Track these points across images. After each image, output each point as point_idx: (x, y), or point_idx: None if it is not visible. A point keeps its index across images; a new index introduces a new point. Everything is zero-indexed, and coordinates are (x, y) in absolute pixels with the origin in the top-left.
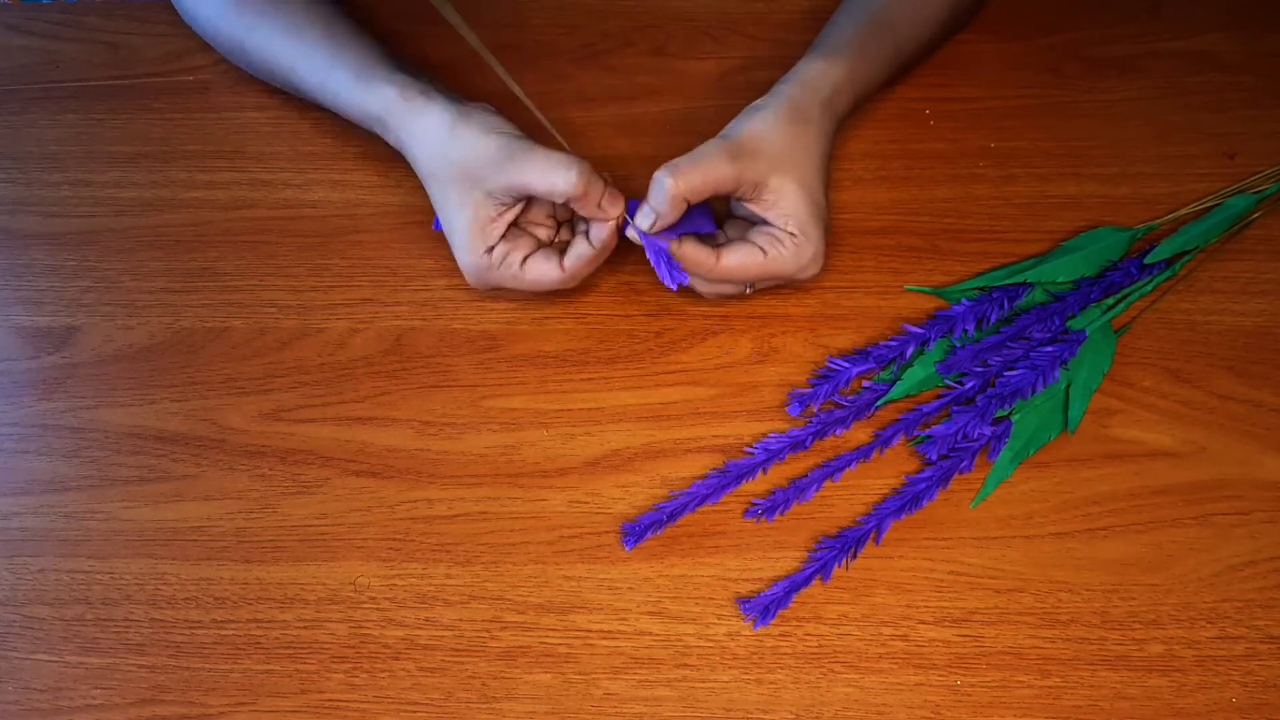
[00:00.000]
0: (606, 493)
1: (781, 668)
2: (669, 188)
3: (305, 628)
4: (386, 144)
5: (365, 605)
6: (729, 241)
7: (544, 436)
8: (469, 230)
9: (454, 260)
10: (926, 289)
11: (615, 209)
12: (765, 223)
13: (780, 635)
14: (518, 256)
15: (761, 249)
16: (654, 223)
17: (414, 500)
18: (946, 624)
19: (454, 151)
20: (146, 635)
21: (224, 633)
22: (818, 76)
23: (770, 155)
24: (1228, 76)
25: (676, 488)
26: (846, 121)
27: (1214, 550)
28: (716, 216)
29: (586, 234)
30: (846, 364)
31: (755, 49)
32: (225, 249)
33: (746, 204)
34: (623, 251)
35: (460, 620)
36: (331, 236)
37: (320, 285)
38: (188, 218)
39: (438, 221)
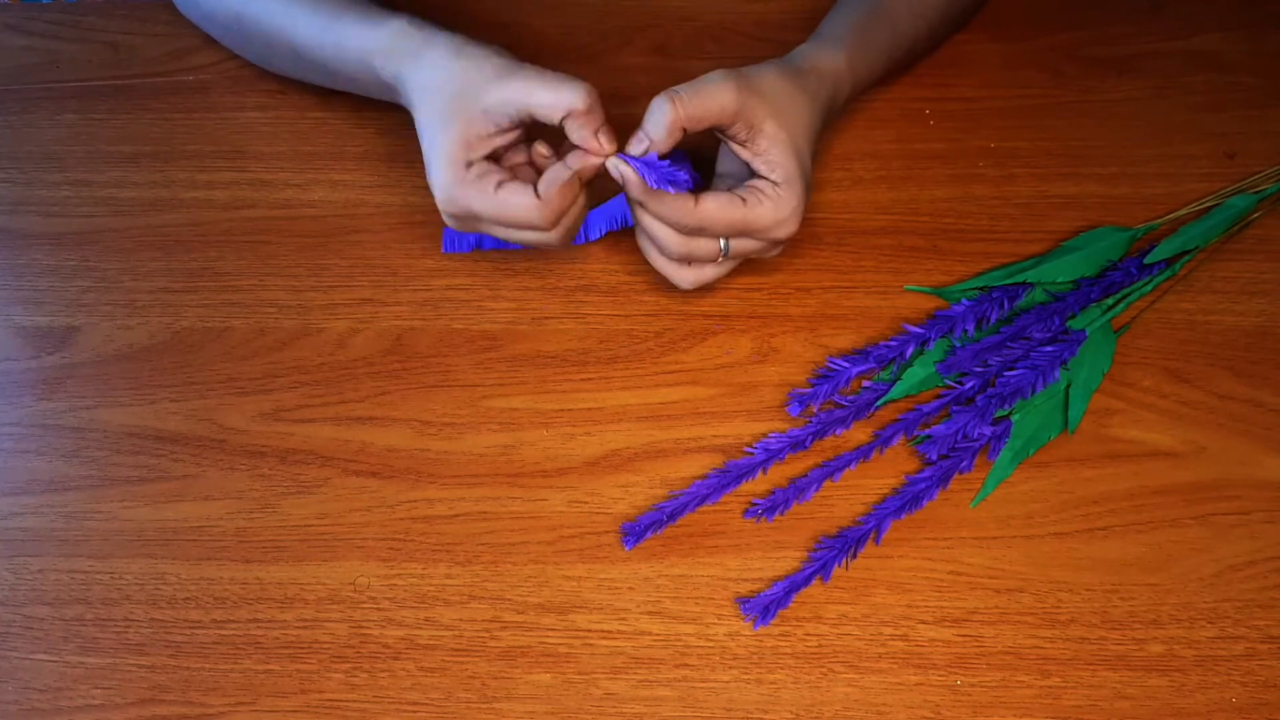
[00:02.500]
0: (606, 493)
1: (781, 668)
2: (668, 113)
3: (305, 628)
4: (386, 145)
5: (365, 605)
6: (707, 191)
7: (544, 436)
8: (454, 142)
9: (454, 260)
10: (926, 289)
11: (610, 145)
12: (750, 176)
13: (780, 635)
14: (495, 178)
15: (741, 199)
16: (646, 149)
17: (414, 500)
18: (946, 624)
19: (458, 68)
20: (146, 635)
21: (224, 633)
22: (817, 57)
23: (771, 100)
24: (1228, 76)
25: (676, 488)
26: (842, 118)
27: (1214, 550)
28: (698, 187)
29: (561, 161)
30: (846, 364)
31: (755, 49)
32: (225, 249)
33: (737, 146)
34: (623, 251)
35: (460, 620)
36: (331, 236)
37: (320, 285)
38: (188, 218)
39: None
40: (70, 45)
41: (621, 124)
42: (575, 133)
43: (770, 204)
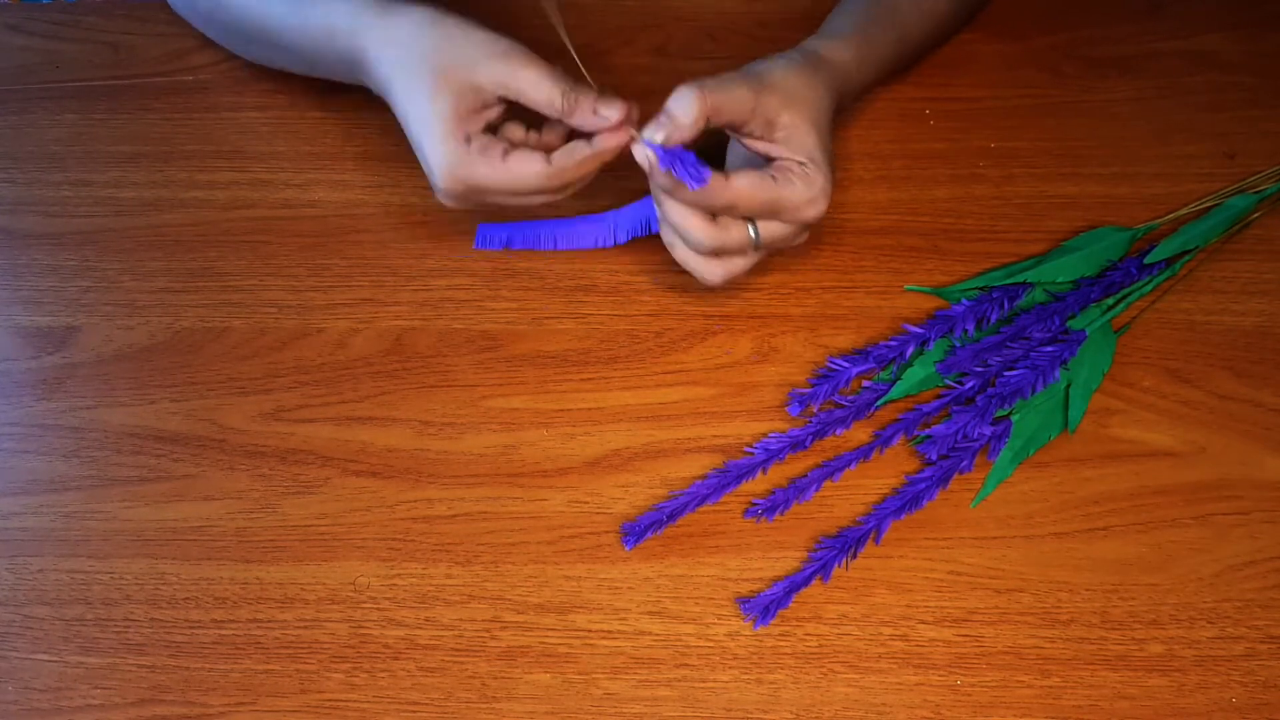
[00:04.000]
0: (606, 493)
1: (781, 668)
2: (694, 100)
3: (305, 628)
4: (386, 145)
5: (365, 605)
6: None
7: (544, 436)
8: (448, 118)
9: (454, 260)
10: (926, 289)
11: (612, 111)
12: (772, 161)
13: (780, 635)
14: (499, 148)
15: (771, 176)
16: (668, 135)
17: (414, 500)
18: (946, 624)
19: (440, 41)
20: (146, 635)
21: (224, 633)
22: (823, 51)
23: (784, 93)
24: (1228, 76)
25: (676, 488)
26: (848, 114)
27: (1214, 550)
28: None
29: (587, 140)
30: (846, 364)
31: (755, 49)
32: (225, 249)
33: (755, 141)
34: (623, 251)
35: (460, 620)
36: (331, 236)
37: (320, 285)
38: (188, 218)
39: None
40: (70, 45)
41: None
42: (574, 122)
43: (800, 182)
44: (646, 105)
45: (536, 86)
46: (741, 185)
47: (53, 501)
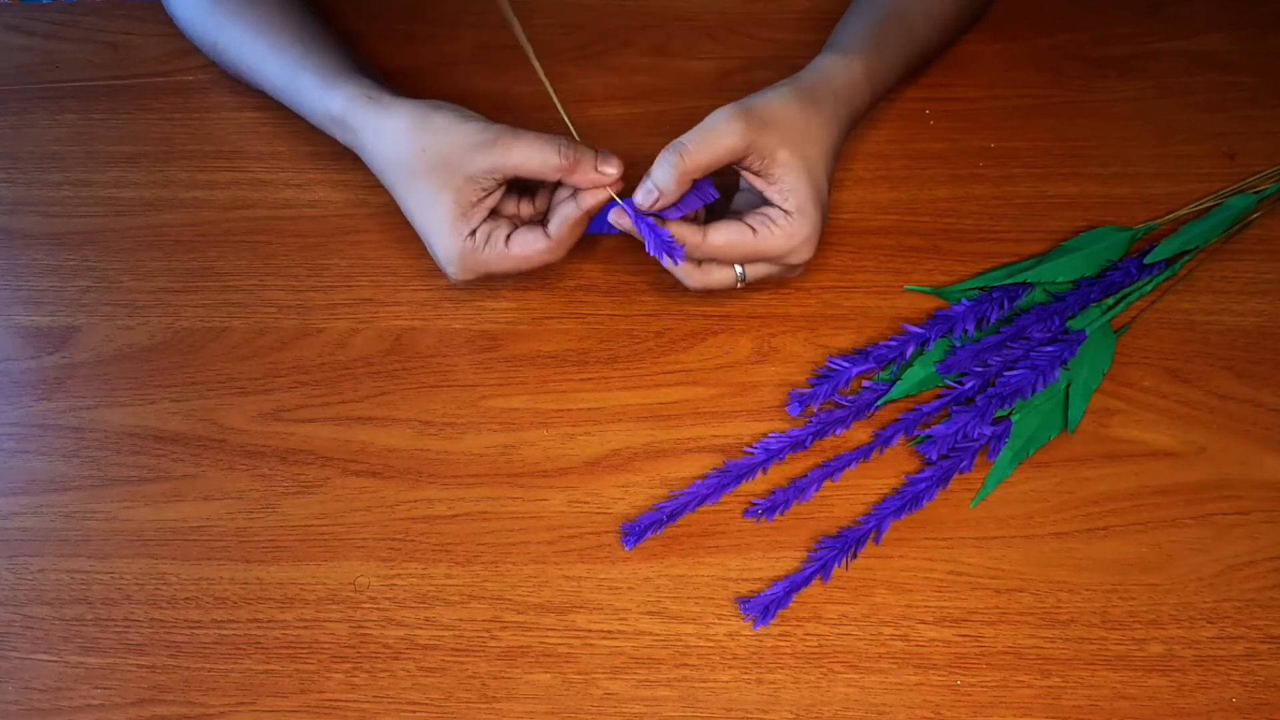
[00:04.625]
0: (606, 493)
1: (781, 668)
2: (675, 166)
3: (305, 628)
4: None
5: (365, 605)
6: (717, 221)
7: (544, 436)
8: (450, 216)
9: None
10: (926, 289)
11: (612, 169)
12: (766, 202)
13: (780, 635)
14: (502, 234)
15: (751, 228)
16: (655, 200)
17: (414, 500)
18: (946, 624)
19: (428, 141)
20: (146, 635)
21: (224, 633)
22: (832, 70)
23: (782, 129)
24: (1228, 76)
25: (676, 488)
26: (862, 120)
27: (1214, 550)
28: (724, 188)
29: (571, 198)
30: (846, 364)
31: (755, 49)
32: (225, 249)
33: (751, 176)
34: (623, 251)
35: (460, 620)
36: (331, 236)
37: (320, 285)
38: (188, 218)
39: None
40: (70, 45)
41: (622, 123)
42: (573, 181)
43: (781, 233)
44: (647, 105)
45: (529, 159)
46: (718, 242)
47: (53, 501)
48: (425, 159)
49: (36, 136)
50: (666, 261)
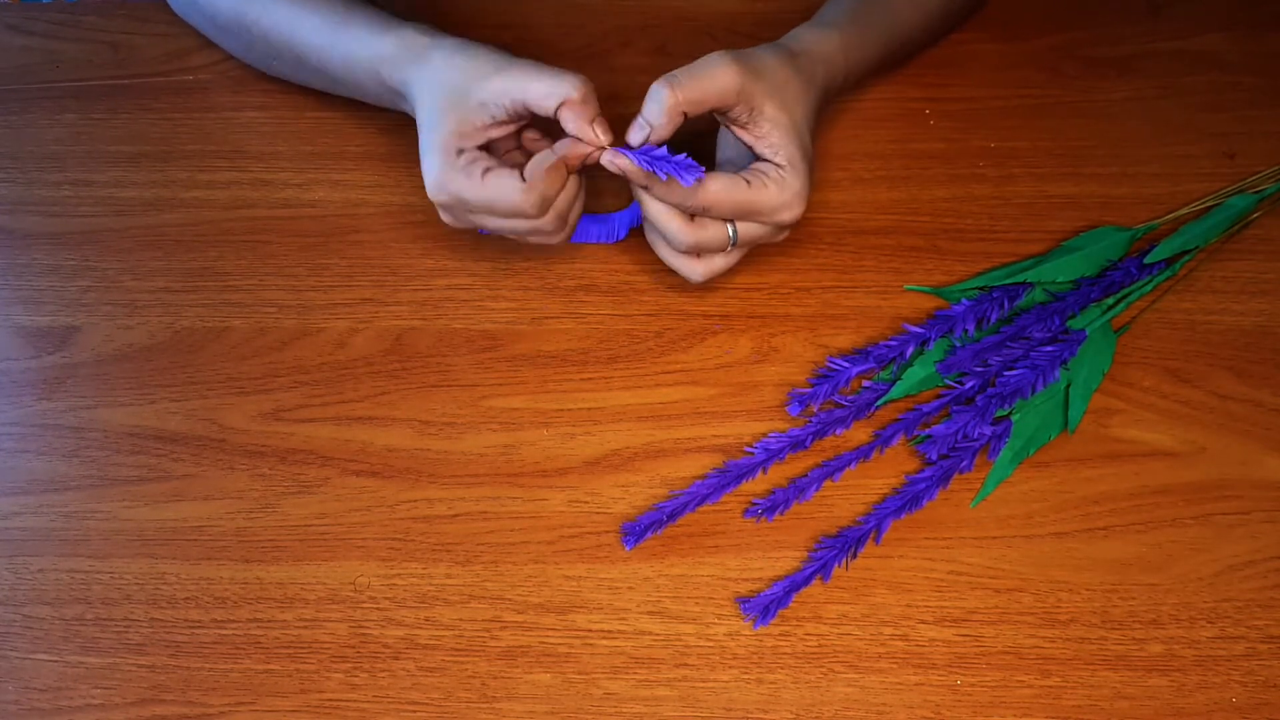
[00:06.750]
0: (606, 493)
1: (781, 668)
2: (666, 99)
3: (305, 628)
4: (386, 145)
5: (365, 605)
6: (712, 172)
7: (544, 436)
8: (448, 133)
9: (454, 260)
10: (926, 289)
11: (605, 137)
12: (750, 162)
13: (780, 635)
14: (482, 165)
15: (745, 180)
16: (646, 137)
17: (414, 500)
18: (946, 624)
19: (459, 65)
20: (146, 635)
21: (224, 633)
22: (810, 41)
23: (771, 82)
24: (1228, 76)
25: (676, 487)
26: (842, 116)
27: (1214, 550)
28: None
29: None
30: (846, 364)
31: None
32: (225, 249)
33: (738, 129)
34: (623, 251)
35: (460, 620)
36: (331, 236)
37: (320, 285)
38: (188, 218)
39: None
40: (70, 45)
41: (622, 124)
42: (570, 123)
43: (774, 186)
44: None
45: (540, 82)
46: (715, 189)
47: (53, 501)
48: (450, 80)
49: (36, 136)
50: (686, 180)
